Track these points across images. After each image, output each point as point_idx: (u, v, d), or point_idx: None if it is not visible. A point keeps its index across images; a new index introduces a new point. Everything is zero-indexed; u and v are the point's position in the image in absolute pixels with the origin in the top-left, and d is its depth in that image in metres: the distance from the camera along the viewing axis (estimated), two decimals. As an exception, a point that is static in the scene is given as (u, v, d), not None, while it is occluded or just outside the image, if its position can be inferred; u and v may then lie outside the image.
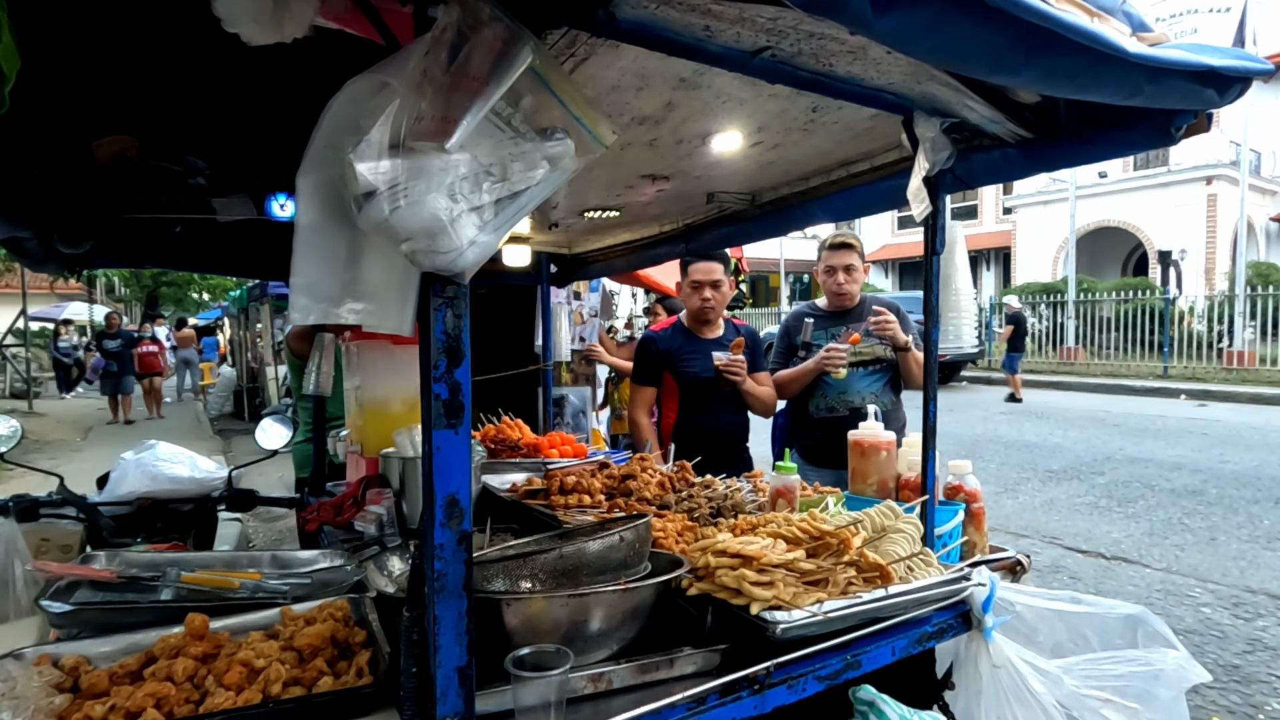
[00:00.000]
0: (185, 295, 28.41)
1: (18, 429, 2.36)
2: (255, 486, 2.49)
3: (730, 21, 1.15)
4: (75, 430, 11.66)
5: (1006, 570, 1.82)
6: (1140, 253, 21.18)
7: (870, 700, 1.33)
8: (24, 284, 15.06)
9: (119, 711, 1.09)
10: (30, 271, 9.82)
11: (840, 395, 2.94)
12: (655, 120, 1.69)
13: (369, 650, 1.28)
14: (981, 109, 1.51)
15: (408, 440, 2.10)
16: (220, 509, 2.44)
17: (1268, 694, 3.09)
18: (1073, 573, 4.57)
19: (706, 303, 2.96)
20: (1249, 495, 6.13)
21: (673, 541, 1.66)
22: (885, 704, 1.32)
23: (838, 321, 3.03)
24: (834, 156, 2.04)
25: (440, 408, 0.93)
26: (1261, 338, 14.08)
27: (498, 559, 1.33)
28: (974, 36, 0.95)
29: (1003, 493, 6.40)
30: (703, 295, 2.96)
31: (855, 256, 3.00)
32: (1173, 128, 1.38)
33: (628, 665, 1.20)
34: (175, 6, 1.24)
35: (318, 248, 0.95)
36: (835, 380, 2.91)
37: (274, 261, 2.85)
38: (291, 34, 0.96)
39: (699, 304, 2.97)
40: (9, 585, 1.81)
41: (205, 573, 1.66)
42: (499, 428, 2.93)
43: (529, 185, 0.91)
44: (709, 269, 2.95)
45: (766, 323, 19.49)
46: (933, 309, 1.75)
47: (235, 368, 15.63)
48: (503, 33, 0.88)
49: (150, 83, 1.64)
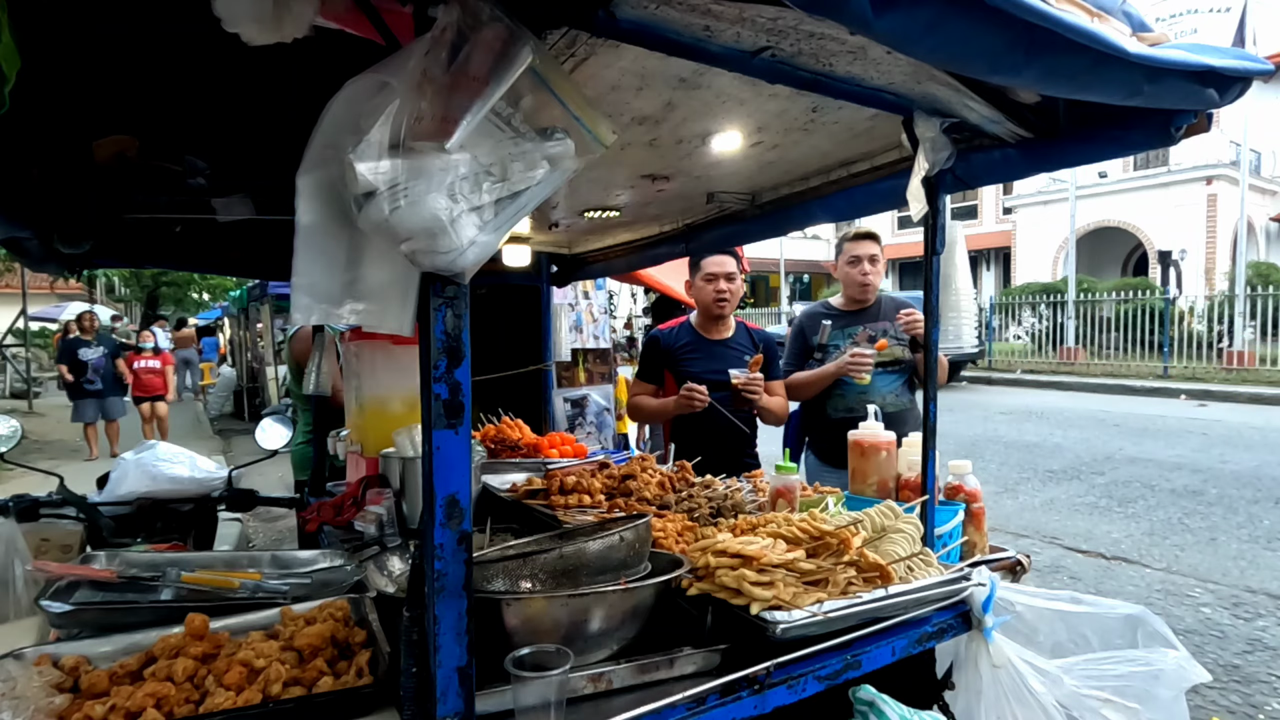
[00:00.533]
0: (185, 295, 28.40)
1: (18, 429, 2.36)
2: (255, 486, 2.49)
3: (730, 21, 1.15)
4: (75, 430, 11.66)
5: (1006, 570, 1.82)
6: (1140, 253, 21.19)
7: (870, 700, 1.33)
8: (24, 284, 15.04)
9: (119, 711, 1.09)
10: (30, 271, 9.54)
11: (860, 396, 2.85)
12: (655, 120, 1.69)
13: (369, 650, 1.28)
14: (981, 109, 1.51)
15: (408, 440, 2.10)
16: (220, 509, 2.44)
17: (1268, 694, 3.09)
18: (1073, 573, 4.57)
19: (721, 293, 2.89)
20: (1249, 495, 6.13)
21: (673, 541, 1.66)
22: (885, 704, 1.32)
23: (854, 321, 2.97)
24: (834, 156, 2.04)
25: (440, 408, 0.93)
26: (1261, 338, 14.07)
27: (498, 559, 1.33)
28: (974, 36, 0.95)
29: (1003, 493, 6.40)
30: (717, 286, 2.90)
31: (878, 248, 2.96)
32: (1173, 128, 1.38)
33: (628, 665, 1.20)
34: (175, 6, 1.24)
35: (318, 248, 0.95)
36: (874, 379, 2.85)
37: (274, 261, 2.84)
38: (291, 34, 0.96)
39: (713, 295, 2.90)
40: (9, 585, 1.81)
41: (205, 573, 1.66)
42: (499, 428, 2.93)
43: (529, 185, 0.91)
44: (722, 260, 2.91)
45: (766, 322, 19.50)
46: (933, 309, 1.75)
47: (235, 368, 15.65)
48: (503, 33, 0.88)
49: (150, 83, 1.64)
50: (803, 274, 31.65)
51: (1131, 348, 15.68)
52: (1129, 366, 15.13)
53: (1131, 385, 13.45)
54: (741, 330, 3.04)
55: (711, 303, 2.92)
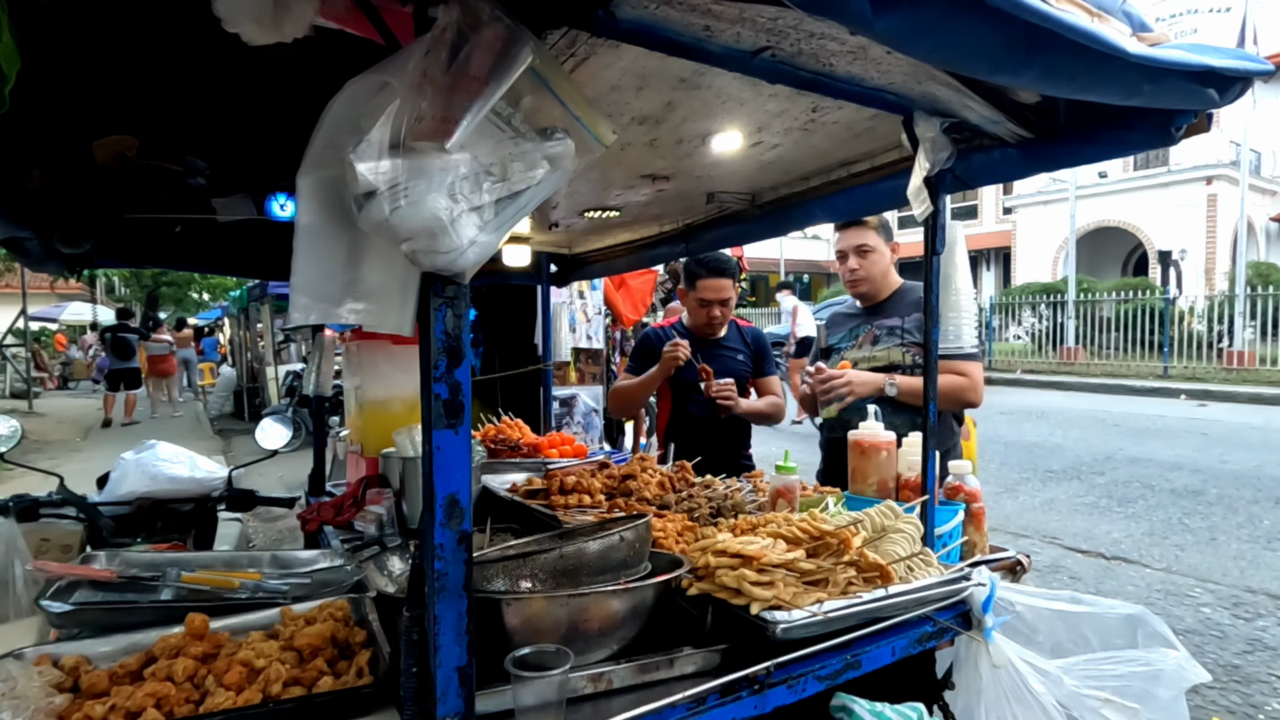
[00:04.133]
0: (185, 295, 28.42)
1: (18, 429, 2.35)
2: (255, 486, 2.49)
3: (730, 21, 1.15)
4: (75, 430, 11.66)
5: (1006, 570, 1.81)
6: (1140, 253, 21.18)
7: (842, 705, 1.33)
8: (24, 284, 15.05)
9: (119, 711, 1.09)
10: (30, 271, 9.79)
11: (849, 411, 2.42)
12: (655, 120, 1.69)
13: (369, 650, 1.28)
14: (981, 109, 1.50)
15: (408, 440, 2.10)
16: (220, 509, 2.44)
17: (1268, 694, 3.09)
18: (1073, 573, 4.57)
19: (714, 320, 2.90)
20: (1249, 495, 6.13)
21: (673, 541, 1.66)
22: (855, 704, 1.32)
23: (865, 320, 2.57)
24: (834, 156, 2.04)
25: (440, 408, 0.93)
26: (1261, 338, 14.07)
27: (498, 559, 1.33)
28: (974, 36, 0.95)
29: (1003, 493, 6.39)
30: (710, 313, 2.89)
31: (871, 234, 2.50)
32: (1173, 128, 1.38)
33: (628, 665, 1.20)
34: (175, 6, 1.24)
35: (318, 248, 0.95)
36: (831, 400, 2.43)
37: (274, 261, 2.84)
38: (291, 34, 0.96)
39: (705, 318, 2.91)
40: (9, 585, 1.80)
41: (205, 573, 1.66)
42: (499, 428, 2.93)
43: (529, 185, 0.91)
44: (719, 287, 2.84)
45: (767, 322, 19.46)
46: (933, 309, 1.75)
47: (235, 368, 15.64)
48: (503, 33, 0.88)
49: (150, 83, 1.64)
50: (803, 274, 31.63)
51: (1131, 348, 15.68)
52: (1129, 366, 15.12)
53: (1131, 385, 13.45)
54: (734, 329, 3.03)
55: (704, 325, 2.94)
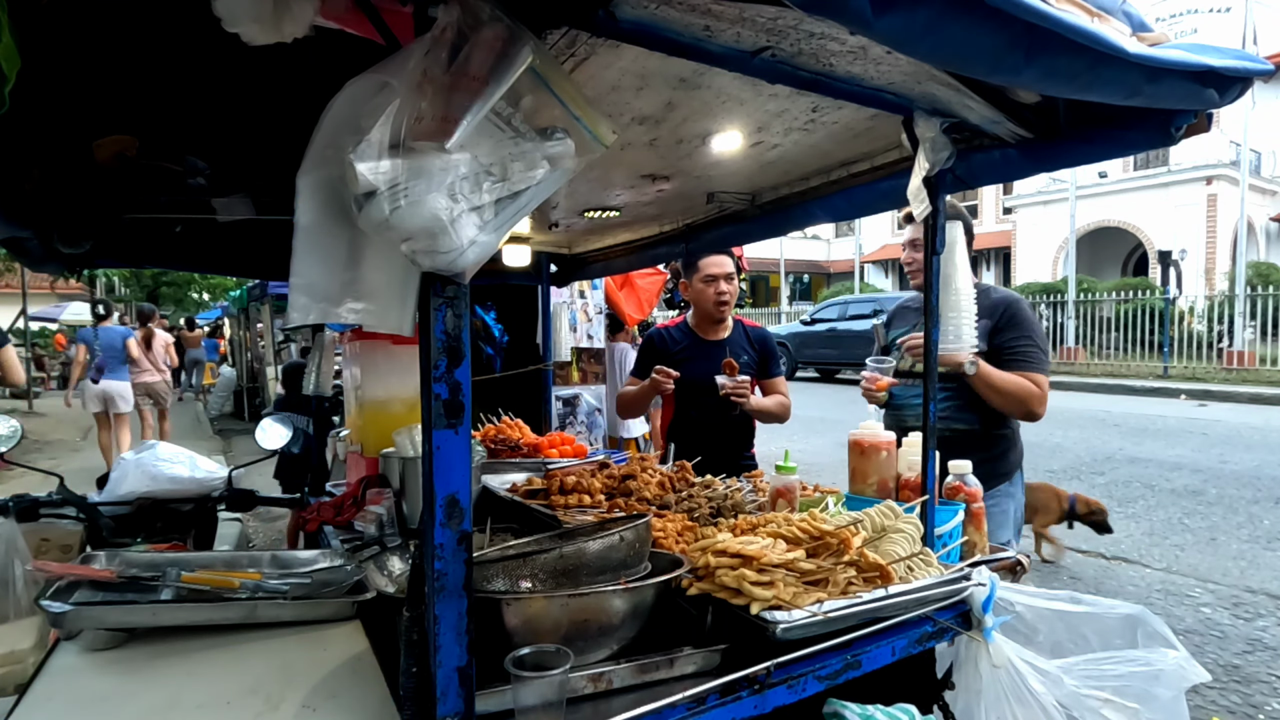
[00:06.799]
0: (185, 295, 28.38)
1: (18, 429, 2.35)
2: (255, 486, 2.49)
3: (730, 21, 1.15)
4: (75, 430, 11.65)
5: (1006, 570, 1.81)
6: (1140, 253, 21.17)
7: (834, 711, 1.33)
8: (24, 284, 15.03)
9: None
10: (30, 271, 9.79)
11: (896, 414, 2.45)
12: (655, 120, 1.69)
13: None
14: (981, 109, 1.51)
15: (408, 440, 2.10)
16: (220, 509, 2.44)
17: (1268, 694, 3.09)
18: (1073, 573, 4.57)
19: (722, 294, 2.86)
20: (1249, 495, 6.13)
21: (673, 541, 1.66)
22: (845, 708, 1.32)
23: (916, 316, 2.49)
24: (834, 156, 2.04)
25: (440, 408, 0.93)
26: (1261, 338, 14.06)
27: (498, 559, 1.33)
28: (974, 37, 0.95)
29: (1003, 493, 6.38)
30: (718, 288, 2.86)
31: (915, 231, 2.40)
32: (1173, 128, 1.38)
33: (628, 665, 1.20)
34: (175, 6, 1.24)
35: (318, 248, 0.95)
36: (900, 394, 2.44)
37: (274, 261, 2.84)
38: (291, 34, 0.96)
39: (714, 296, 2.87)
40: (9, 585, 1.80)
41: (205, 573, 1.66)
42: (499, 428, 2.93)
43: (529, 185, 0.91)
44: (721, 261, 2.87)
45: (766, 322, 19.49)
46: (933, 309, 1.75)
47: (235, 368, 15.64)
48: (503, 33, 0.88)
49: (150, 83, 1.64)
50: (803, 274, 31.64)
51: (1131, 348, 15.68)
52: (1129, 366, 15.12)
53: (1131, 385, 13.44)
54: (739, 330, 3.00)
55: (712, 305, 2.89)
